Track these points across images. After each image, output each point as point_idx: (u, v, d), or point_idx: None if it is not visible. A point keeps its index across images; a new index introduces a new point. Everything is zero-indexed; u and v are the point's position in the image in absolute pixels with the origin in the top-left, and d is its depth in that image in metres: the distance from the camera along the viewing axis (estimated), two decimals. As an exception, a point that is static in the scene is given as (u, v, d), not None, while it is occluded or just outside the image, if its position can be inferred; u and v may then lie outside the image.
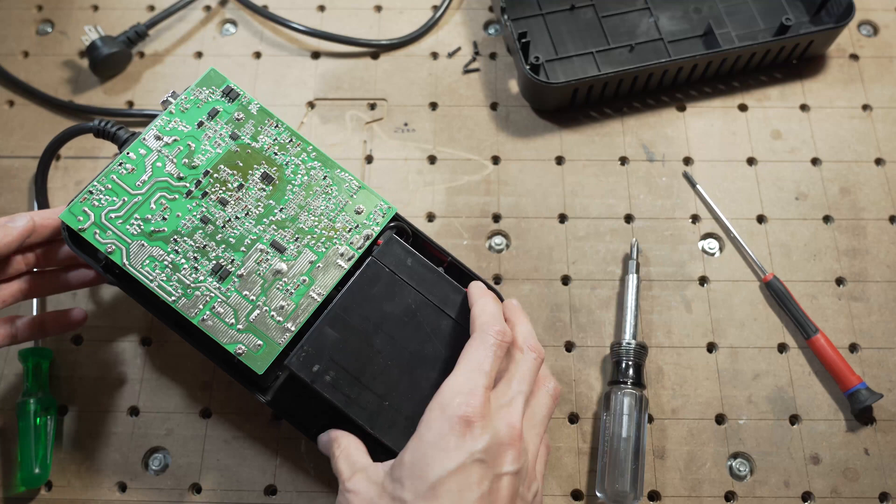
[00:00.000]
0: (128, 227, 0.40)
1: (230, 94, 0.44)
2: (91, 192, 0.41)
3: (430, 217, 0.53)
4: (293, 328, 0.41)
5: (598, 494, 0.45)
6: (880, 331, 0.50)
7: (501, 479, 0.33)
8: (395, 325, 0.40)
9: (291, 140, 0.44)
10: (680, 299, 0.51)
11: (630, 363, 0.47)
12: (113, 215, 0.40)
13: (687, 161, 0.55)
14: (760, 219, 0.53)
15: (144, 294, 0.41)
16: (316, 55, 0.59)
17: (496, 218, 0.53)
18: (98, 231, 0.40)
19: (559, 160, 0.55)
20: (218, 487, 0.46)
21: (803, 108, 0.57)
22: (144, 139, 0.42)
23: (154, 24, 0.58)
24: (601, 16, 0.58)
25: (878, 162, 0.55)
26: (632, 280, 0.50)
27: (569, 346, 0.49)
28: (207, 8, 0.61)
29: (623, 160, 0.55)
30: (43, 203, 0.52)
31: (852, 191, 0.54)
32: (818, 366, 0.49)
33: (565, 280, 0.51)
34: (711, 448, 0.47)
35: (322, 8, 0.61)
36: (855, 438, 0.47)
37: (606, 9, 0.59)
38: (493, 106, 0.57)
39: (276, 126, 0.44)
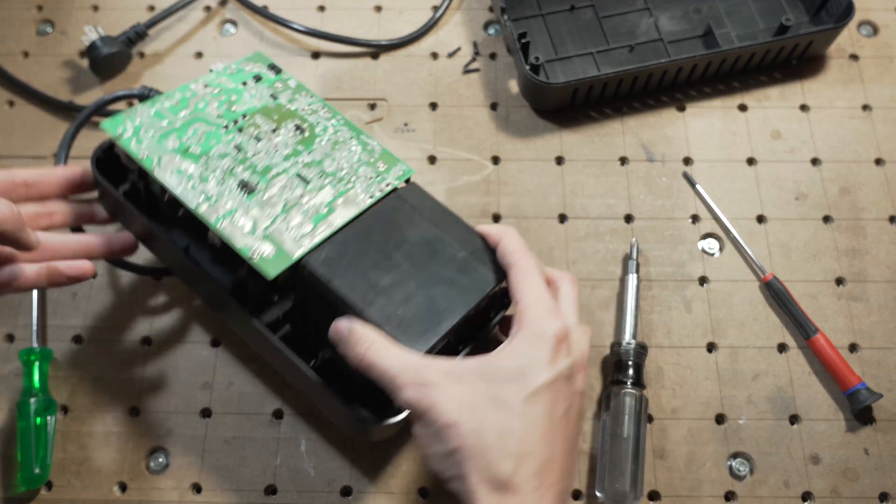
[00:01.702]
0: (164, 141, 0.42)
1: (274, 68, 0.49)
2: (135, 110, 0.43)
3: (430, 217, 0.53)
4: (309, 244, 0.40)
5: (598, 494, 0.45)
6: (880, 331, 0.50)
7: (576, 397, 0.37)
8: (413, 248, 0.41)
9: (324, 108, 0.48)
10: (680, 299, 0.51)
11: (630, 363, 0.47)
12: (151, 132, 0.43)
13: (687, 161, 0.55)
14: (760, 219, 0.53)
15: (163, 219, 0.43)
16: (316, 55, 0.59)
17: (496, 218, 0.53)
18: (134, 141, 0.42)
19: (559, 160, 0.55)
20: (218, 487, 0.46)
21: (803, 108, 0.57)
22: (191, 86, 0.45)
23: (154, 24, 0.58)
24: (601, 16, 0.58)
25: (878, 162, 0.55)
26: (632, 280, 0.50)
27: (569, 346, 0.49)
28: (207, 8, 0.61)
29: (623, 160, 0.55)
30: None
31: (852, 191, 0.54)
32: (818, 366, 0.49)
33: (565, 280, 0.51)
34: (711, 448, 0.47)
35: (322, 8, 0.61)
36: (855, 438, 0.47)
37: (606, 9, 0.59)
38: (493, 106, 0.57)
39: (311, 97, 0.48)
